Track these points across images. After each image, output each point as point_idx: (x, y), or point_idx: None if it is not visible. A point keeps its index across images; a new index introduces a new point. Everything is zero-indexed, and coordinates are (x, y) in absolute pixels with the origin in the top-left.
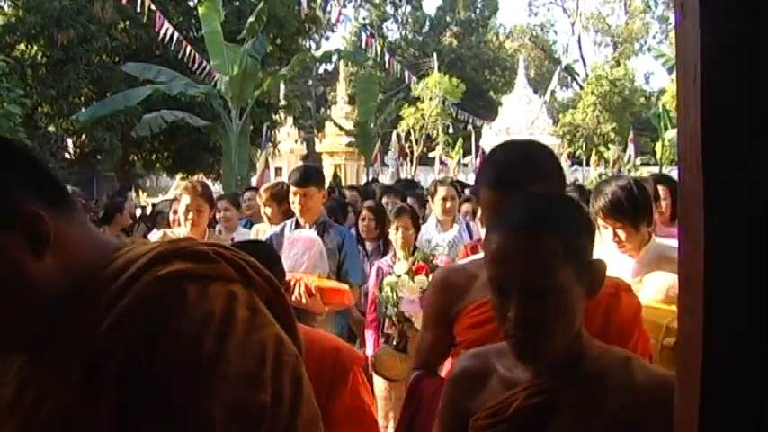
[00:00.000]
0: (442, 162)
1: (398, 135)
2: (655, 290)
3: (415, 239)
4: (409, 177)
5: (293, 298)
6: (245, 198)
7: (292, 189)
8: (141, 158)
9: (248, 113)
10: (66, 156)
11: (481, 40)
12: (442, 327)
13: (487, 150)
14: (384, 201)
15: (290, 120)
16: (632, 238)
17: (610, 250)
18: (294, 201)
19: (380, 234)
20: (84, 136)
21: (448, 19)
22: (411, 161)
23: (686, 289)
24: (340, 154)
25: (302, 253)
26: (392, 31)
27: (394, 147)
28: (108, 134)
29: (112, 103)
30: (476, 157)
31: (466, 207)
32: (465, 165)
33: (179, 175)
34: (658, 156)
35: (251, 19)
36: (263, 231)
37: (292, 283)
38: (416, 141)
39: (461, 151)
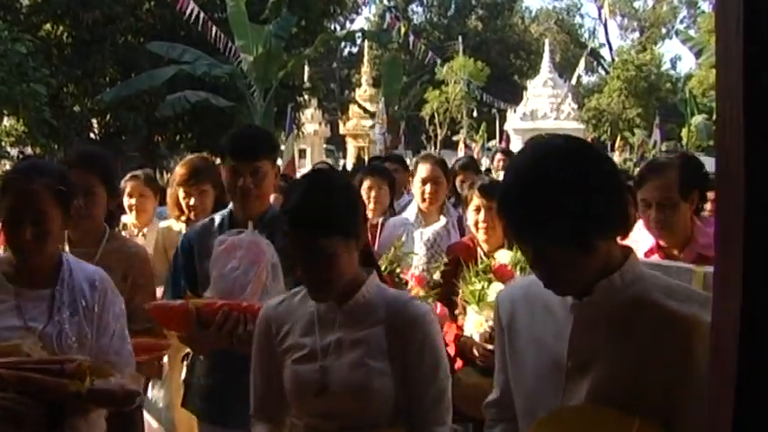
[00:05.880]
0: (466, 146)
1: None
2: None
3: (391, 205)
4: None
5: (234, 342)
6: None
7: (230, 163)
8: (165, 139)
9: (272, 95)
10: (91, 136)
11: (506, 23)
12: None
13: (512, 134)
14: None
15: (314, 102)
16: (677, 217)
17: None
18: (237, 182)
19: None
20: (108, 116)
21: (473, 2)
22: (435, 144)
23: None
24: (364, 136)
25: (246, 268)
26: (417, 14)
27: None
28: (132, 114)
29: (137, 84)
30: (500, 142)
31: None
32: (489, 149)
33: None
34: (684, 141)
35: None
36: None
37: (232, 315)
38: (440, 124)
39: (485, 135)
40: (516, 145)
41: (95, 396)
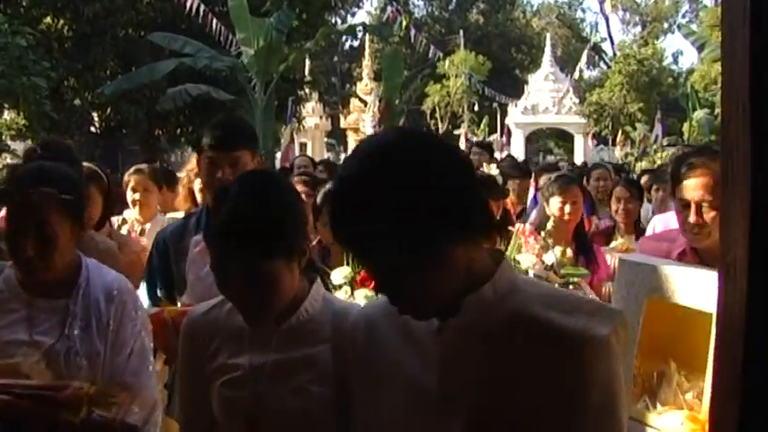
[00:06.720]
0: (467, 140)
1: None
2: None
3: None
4: None
5: None
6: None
7: (207, 154)
8: (166, 133)
9: (273, 88)
10: (92, 129)
11: (508, 17)
12: None
13: (514, 128)
14: None
15: (315, 95)
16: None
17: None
18: (216, 174)
19: None
20: (109, 109)
21: None
22: None
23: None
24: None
25: None
26: (418, 8)
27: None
28: (133, 108)
29: (137, 77)
30: (501, 135)
31: None
32: (490, 143)
33: None
34: (686, 136)
35: None
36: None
37: None
38: (441, 118)
39: (487, 129)
40: (518, 138)
41: (89, 428)
